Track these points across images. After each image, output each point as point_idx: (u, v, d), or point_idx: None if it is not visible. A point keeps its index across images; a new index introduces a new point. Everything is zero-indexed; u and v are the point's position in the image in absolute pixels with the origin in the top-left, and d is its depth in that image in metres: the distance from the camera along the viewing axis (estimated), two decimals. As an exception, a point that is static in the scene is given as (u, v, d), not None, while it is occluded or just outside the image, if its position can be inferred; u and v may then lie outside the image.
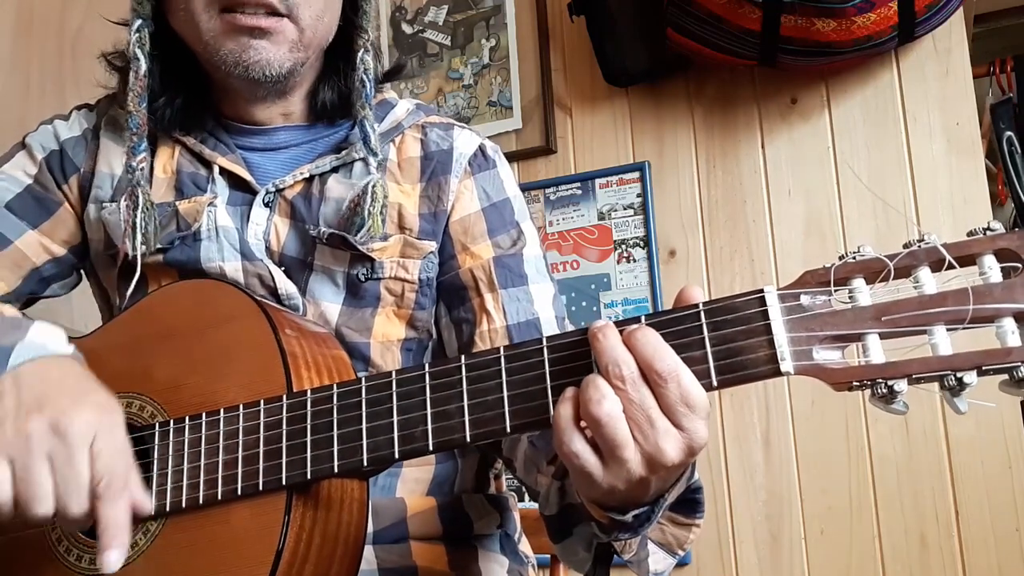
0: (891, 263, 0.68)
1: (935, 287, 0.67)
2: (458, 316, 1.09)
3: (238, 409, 0.87)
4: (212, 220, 1.06)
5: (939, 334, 0.66)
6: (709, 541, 1.94)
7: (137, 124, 1.04)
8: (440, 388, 0.79)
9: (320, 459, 0.82)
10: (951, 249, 0.66)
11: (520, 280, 1.08)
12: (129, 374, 0.96)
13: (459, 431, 0.77)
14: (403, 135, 1.13)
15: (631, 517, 0.77)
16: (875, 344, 0.67)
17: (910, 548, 1.78)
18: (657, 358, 0.68)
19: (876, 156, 1.90)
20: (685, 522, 0.85)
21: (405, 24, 2.35)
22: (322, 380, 0.89)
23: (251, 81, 1.02)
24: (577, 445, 0.70)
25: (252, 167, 1.09)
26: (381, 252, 1.06)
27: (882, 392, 0.66)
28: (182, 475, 0.88)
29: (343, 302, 1.06)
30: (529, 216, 1.16)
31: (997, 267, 0.66)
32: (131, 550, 0.90)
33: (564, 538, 0.91)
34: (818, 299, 0.70)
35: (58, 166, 1.12)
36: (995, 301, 0.64)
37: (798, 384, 1.89)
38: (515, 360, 0.77)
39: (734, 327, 0.70)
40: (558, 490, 0.90)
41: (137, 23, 1.04)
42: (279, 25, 0.99)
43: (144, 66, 1.04)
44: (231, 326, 0.92)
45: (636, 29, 2.02)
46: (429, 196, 1.10)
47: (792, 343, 0.68)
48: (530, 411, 0.75)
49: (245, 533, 0.84)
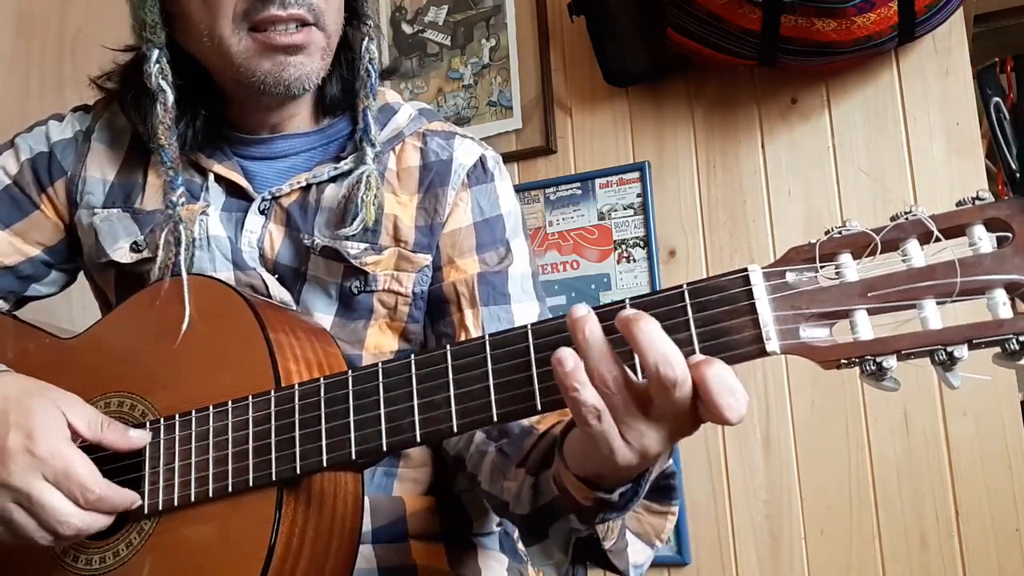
0: (878, 237, 0.66)
1: (923, 260, 0.65)
2: (438, 330, 1.09)
3: (227, 405, 0.87)
4: (204, 229, 1.05)
5: (928, 308, 0.64)
6: (709, 541, 1.93)
7: (171, 158, 1.02)
8: (426, 379, 0.79)
9: (309, 453, 0.82)
10: (939, 220, 0.65)
11: (503, 299, 1.07)
12: (119, 373, 0.97)
13: (446, 421, 0.77)
14: (403, 143, 1.11)
15: (617, 495, 0.77)
16: (863, 320, 0.66)
17: (910, 548, 1.78)
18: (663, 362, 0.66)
19: (876, 156, 1.90)
20: (660, 510, 0.85)
21: (405, 24, 2.35)
22: (312, 375, 0.89)
23: (288, 97, 1.01)
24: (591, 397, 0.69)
25: (250, 175, 1.08)
26: (375, 266, 1.05)
27: (871, 369, 0.65)
28: (174, 473, 0.88)
29: (336, 313, 1.06)
30: (523, 233, 1.14)
31: (987, 237, 0.64)
32: (125, 549, 0.90)
33: (539, 540, 0.90)
34: (804, 276, 0.68)
35: (44, 168, 1.11)
36: (985, 272, 0.62)
37: (798, 384, 1.89)
38: (500, 347, 0.76)
39: (719, 307, 0.69)
40: (531, 487, 0.89)
41: (155, 54, 1.00)
42: (310, 37, 0.98)
43: (171, 97, 1.01)
44: (221, 323, 0.92)
45: (636, 29, 2.02)
46: (426, 208, 1.08)
47: (778, 322, 0.67)
48: (516, 399, 0.75)
49: (237, 530, 0.84)
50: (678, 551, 1.93)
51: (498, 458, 0.98)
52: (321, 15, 0.98)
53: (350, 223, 1.02)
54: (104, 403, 0.96)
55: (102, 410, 0.92)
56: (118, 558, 0.90)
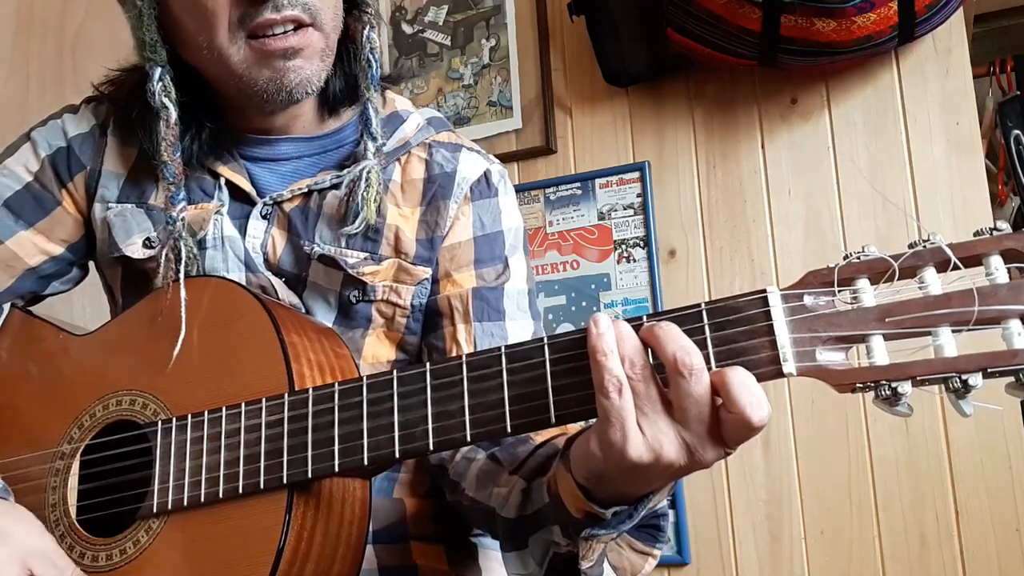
0: (896, 263, 0.67)
1: (940, 288, 0.66)
2: (430, 342, 1.08)
3: (240, 407, 0.87)
4: (219, 229, 1.05)
5: (944, 336, 0.65)
6: (709, 541, 1.93)
7: (173, 174, 1.01)
8: (441, 388, 0.79)
9: (321, 458, 0.82)
10: (957, 249, 0.66)
11: (497, 315, 1.06)
12: (132, 371, 0.97)
13: (460, 431, 0.77)
14: (409, 154, 1.10)
15: (611, 514, 0.76)
16: (879, 345, 0.67)
17: (910, 548, 1.78)
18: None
19: (876, 156, 1.90)
20: (643, 550, 0.84)
21: (405, 24, 2.35)
22: (325, 379, 0.89)
23: (291, 102, 1.01)
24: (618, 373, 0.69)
25: (254, 178, 1.08)
26: (373, 276, 1.04)
27: (886, 394, 0.65)
28: (184, 473, 0.88)
29: (334, 321, 1.05)
30: (524, 249, 1.13)
31: (1003, 268, 0.65)
32: (133, 548, 0.90)
33: (517, 548, 0.90)
34: (821, 299, 0.69)
35: (64, 164, 1.10)
36: (1001, 302, 0.63)
37: (798, 384, 1.89)
38: (516, 360, 0.77)
39: (736, 327, 0.70)
40: (522, 491, 0.89)
41: (157, 72, 1.00)
42: (307, 38, 0.96)
43: (174, 114, 1.00)
44: (235, 325, 0.92)
45: (636, 29, 2.02)
46: (427, 221, 1.08)
47: (795, 344, 0.68)
48: (531, 411, 0.75)
49: (246, 532, 0.84)
50: (678, 551, 1.94)
51: (488, 465, 0.97)
52: (318, 14, 0.96)
53: (351, 221, 1.01)
54: (116, 401, 0.96)
55: (113, 408, 0.92)
56: (125, 556, 0.90)
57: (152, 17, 0.98)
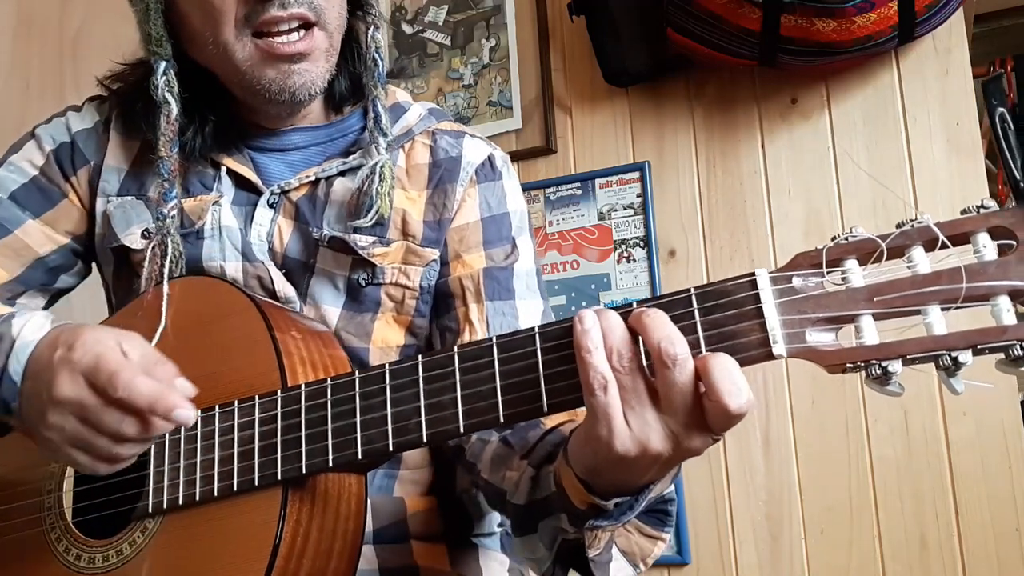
0: (884, 243, 0.67)
1: (928, 266, 0.66)
2: (442, 324, 1.09)
3: (233, 405, 0.87)
4: (216, 219, 1.05)
5: (933, 314, 0.65)
6: (709, 541, 1.93)
7: (168, 170, 1.02)
8: (433, 380, 0.79)
9: (315, 453, 0.82)
10: (944, 228, 0.66)
11: (507, 294, 1.07)
12: None
13: (453, 422, 0.77)
14: (413, 141, 1.12)
15: (612, 505, 0.77)
16: (869, 325, 0.67)
17: (910, 548, 1.78)
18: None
19: (876, 156, 1.90)
20: (652, 534, 0.84)
21: (405, 24, 2.35)
22: (318, 376, 0.90)
23: (294, 104, 1.01)
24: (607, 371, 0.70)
25: (260, 168, 1.09)
26: (382, 258, 1.05)
27: (876, 373, 0.65)
28: (179, 472, 0.88)
29: (343, 306, 1.06)
30: (529, 230, 1.15)
31: (992, 245, 0.65)
32: (129, 548, 0.90)
33: (526, 533, 0.91)
34: (810, 281, 0.69)
35: (67, 158, 1.11)
36: (989, 279, 0.63)
37: (798, 384, 1.89)
38: (507, 350, 0.77)
39: (726, 311, 0.70)
40: (531, 479, 0.90)
41: (162, 66, 1.00)
42: (313, 42, 0.97)
43: (176, 110, 1.01)
44: (226, 323, 0.92)
45: (636, 29, 2.02)
46: (435, 203, 1.09)
47: (784, 326, 0.68)
48: (523, 400, 0.75)
49: (242, 529, 0.84)
50: (678, 551, 1.94)
51: (501, 448, 0.98)
52: (322, 13, 0.97)
53: (364, 214, 1.02)
54: None
55: None
56: (121, 557, 0.90)
57: (159, 11, 0.99)
